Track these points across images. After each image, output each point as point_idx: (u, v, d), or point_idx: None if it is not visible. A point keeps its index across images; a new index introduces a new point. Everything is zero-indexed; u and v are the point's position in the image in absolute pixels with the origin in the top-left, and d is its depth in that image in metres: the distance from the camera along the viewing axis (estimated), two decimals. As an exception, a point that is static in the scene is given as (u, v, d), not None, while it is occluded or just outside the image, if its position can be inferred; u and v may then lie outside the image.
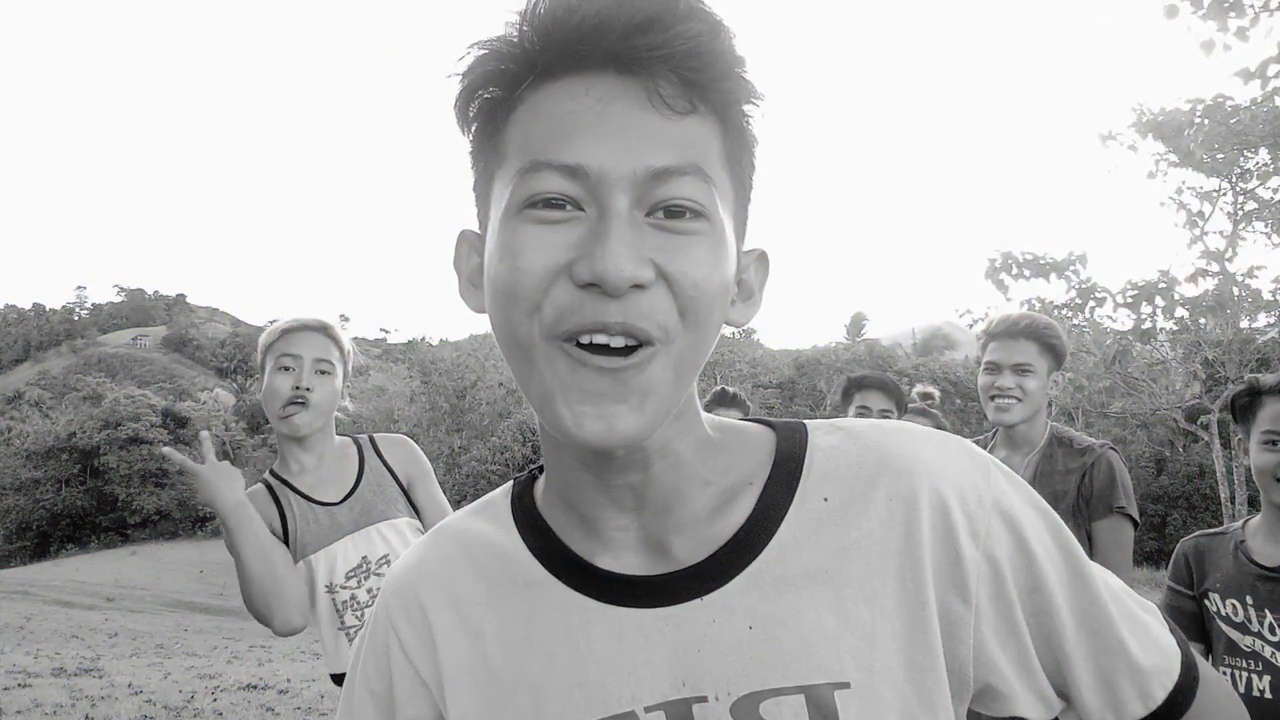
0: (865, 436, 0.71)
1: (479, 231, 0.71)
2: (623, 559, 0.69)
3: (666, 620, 0.67)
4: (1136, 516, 2.44)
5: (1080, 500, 2.45)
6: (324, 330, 2.20)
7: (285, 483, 2.24)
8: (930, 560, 0.66)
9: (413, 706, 0.73)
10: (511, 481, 0.79)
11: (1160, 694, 0.71)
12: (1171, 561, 2.24)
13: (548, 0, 0.61)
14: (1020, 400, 2.52)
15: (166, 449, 2.12)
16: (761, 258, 0.73)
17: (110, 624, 18.66)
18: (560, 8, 0.61)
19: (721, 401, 3.84)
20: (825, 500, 0.69)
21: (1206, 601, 2.11)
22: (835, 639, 0.65)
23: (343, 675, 2.10)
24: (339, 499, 2.22)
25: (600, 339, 0.59)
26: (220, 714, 7.29)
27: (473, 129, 0.68)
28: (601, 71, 0.61)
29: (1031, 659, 0.69)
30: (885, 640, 0.65)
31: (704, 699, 0.65)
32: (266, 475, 2.27)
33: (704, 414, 0.71)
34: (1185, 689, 0.72)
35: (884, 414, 3.43)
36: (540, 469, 0.77)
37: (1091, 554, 2.17)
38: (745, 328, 0.74)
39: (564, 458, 0.69)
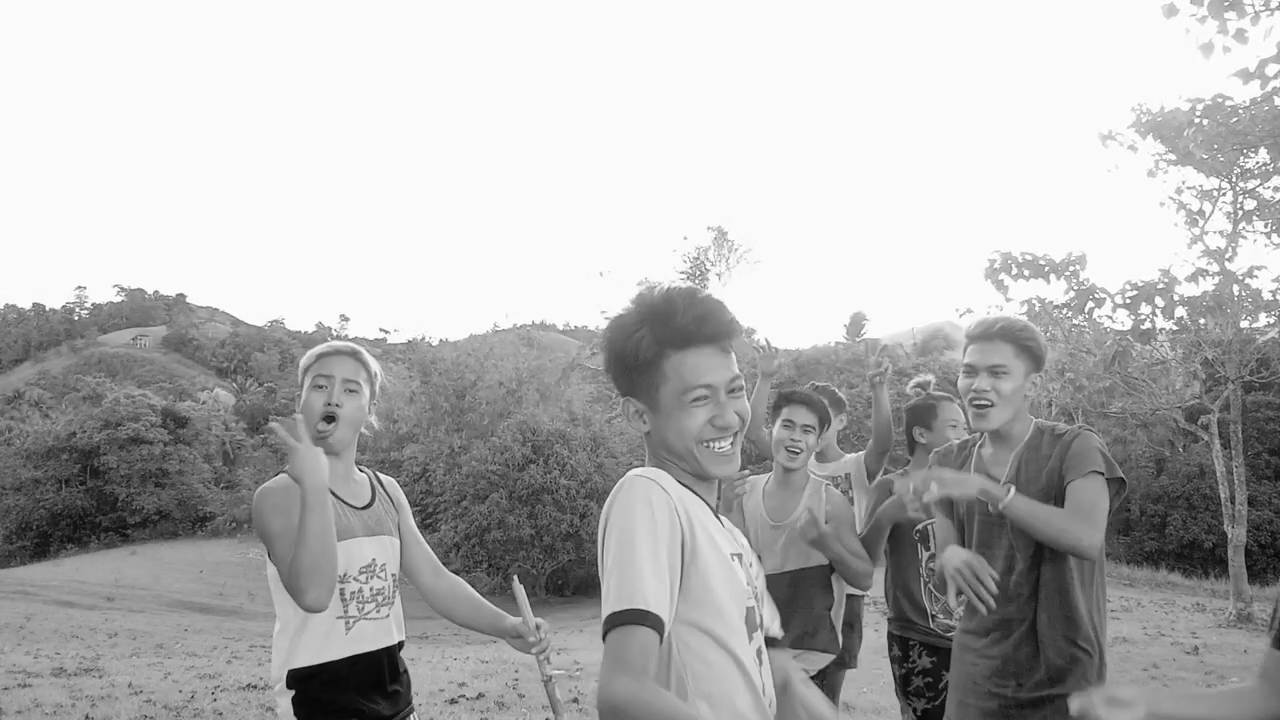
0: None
1: (637, 402, 1.69)
2: None
3: (730, 530, 1.75)
4: (1120, 475, 2.44)
5: (1059, 474, 2.50)
6: (354, 355, 2.50)
7: None
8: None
9: (679, 537, 1.55)
10: (650, 471, 1.62)
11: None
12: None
13: (689, 317, 1.62)
14: (994, 405, 2.57)
15: (273, 422, 2.27)
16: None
17: (110, 624, 18.66)
18: (701, 320, 1.63)
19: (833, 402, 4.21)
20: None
21: None
22: (742, 541, 1.79)
23: (308, 668, 2.27)
24: (360, 506, 2.47)
25: (722, 444, 1.66)
26: (220, 714, 7.29)
27: (639, 365, 1.64)
28: (706, 344, 1.63)
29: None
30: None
31: (741, 555, 1.71)
32: None
33: None
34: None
35: (806, 429, 3.43)
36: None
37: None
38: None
39: (695, 484, 1.69)
